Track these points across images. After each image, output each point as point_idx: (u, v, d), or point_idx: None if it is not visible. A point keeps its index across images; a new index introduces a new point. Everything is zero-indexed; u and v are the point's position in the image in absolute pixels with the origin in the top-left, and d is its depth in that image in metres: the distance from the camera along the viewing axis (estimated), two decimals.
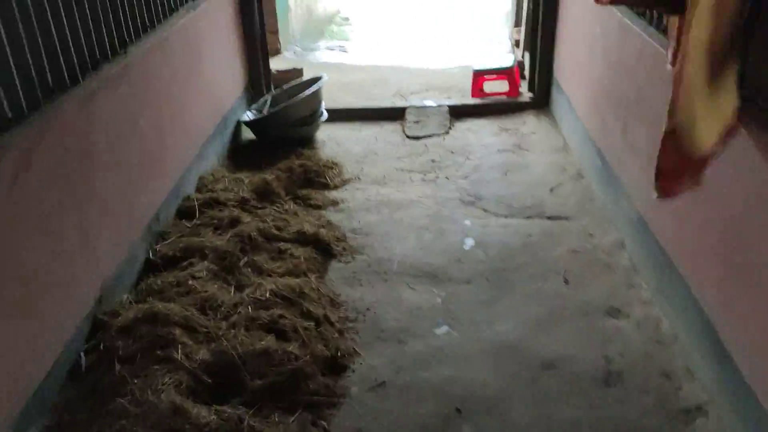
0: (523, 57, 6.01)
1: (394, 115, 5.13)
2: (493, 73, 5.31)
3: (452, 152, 4.49)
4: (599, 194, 3.73)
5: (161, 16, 3.31)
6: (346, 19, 13.88)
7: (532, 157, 4.34)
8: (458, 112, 5.10)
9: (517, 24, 7.04)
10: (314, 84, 4.71)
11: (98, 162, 2.54)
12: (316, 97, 4.64)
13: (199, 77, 3.84)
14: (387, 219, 3.68)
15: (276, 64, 6.68)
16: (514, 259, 3.28)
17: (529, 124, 4.86)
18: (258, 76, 5.06)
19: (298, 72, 6.11)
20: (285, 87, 5.07)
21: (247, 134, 4.76)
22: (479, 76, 5.30)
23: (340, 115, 5.12)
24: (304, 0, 9.67)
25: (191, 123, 3.67)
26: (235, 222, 3.30)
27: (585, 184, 3.94)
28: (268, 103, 4.90)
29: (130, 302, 2.61)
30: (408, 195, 3.94)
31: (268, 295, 2.72)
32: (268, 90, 5.23)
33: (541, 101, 5.05)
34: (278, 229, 3.33)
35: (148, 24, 3.14)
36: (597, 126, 3.78)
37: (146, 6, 3.12)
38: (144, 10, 3.10)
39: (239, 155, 4.45)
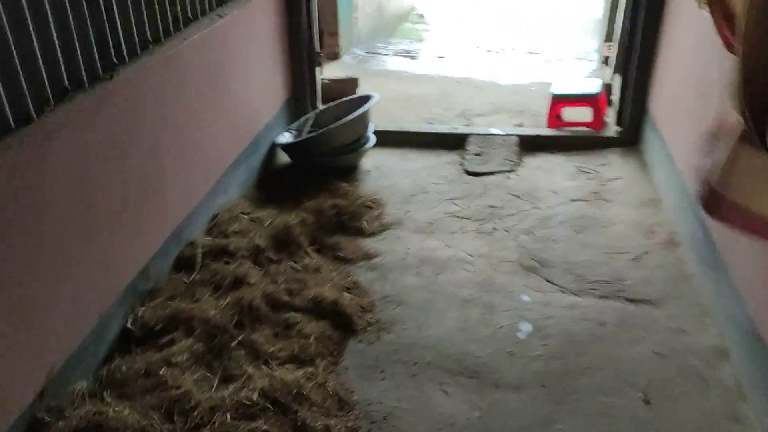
0: (612, 79, 5.22)
1: (454, 142, 4.47)
2: (574, 100, 4.56)
3: (517, 196, 3.80)
4: (697, 273, 2.97)
5: (171, 30, 2.80)
6: (421, 16, 13.24)
7: (614, 212, 3.60)
8: (529, 144, 4.39)
9: (609, 38, 6.21)
10: (362, 106, 4.11)
11: (55, 212, 2.04)
12: (362, 121, 4.04)
13: (223, 96, 3.31)
14: (427, 283, 3.05)
15: (332, 71, 6.15)
16: (581, 359, 2.59)
17: (613, 165, 4.10)
18: (302, 89, 4.51)
19: (353, 82, 5.54)
20: (332, 105, 4.50)
21: (285, 156, 4.23)
22: (558, 102, 4.56)
23: (392, 139, 4.52)
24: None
25: (206, 151, 3.15)
26: (239, 282, 2.76)
27: (679, 255, 3.18)
28: (310, 123, 4.35)
29: (83, 396, 2.10)
30: (457, 251, 3.30)
31: (256, 396, 2.16)
32: (314, 105, 4.67)
33: (630, 138, 4.27)
34: (290, 293, 2.77)
35: (150, 39, 2.62)
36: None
37: (149, 20, 2.60)
38: (145, 24, 2.58)
39: (269, 184, 3.91)
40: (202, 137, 3.09)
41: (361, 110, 3.98)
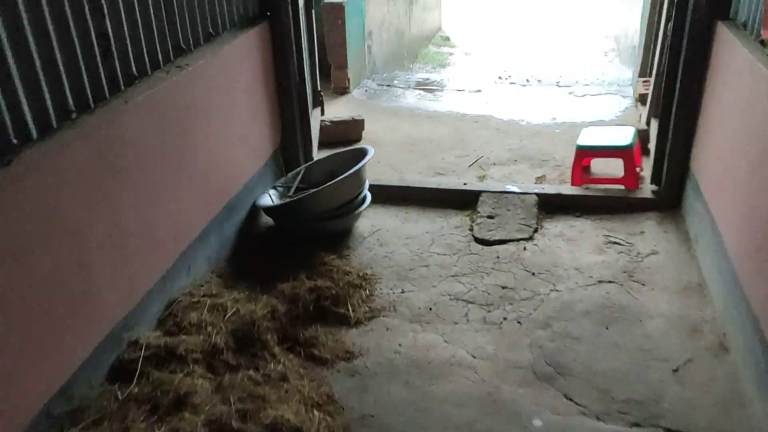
0: (648, 123, 4.64)
1: (465, 200, 3.94)
2: (603, 153, 4.00)
3: (533, 274, 3.25)
4: (754, 399, 2.37)
5: (105, 93, 2.33)
6: (447, 39, 12.75)
7: (650, 299, 3.02)
8: (550, 205, 3.83)
9: (644, 73, 5.63)
10: (357, 159, 3.62)
11: None
12: (356, 181, 3.54)
13: (184, 161, 2.85)
14: (417, 398, 2.51)
15: (338, 109, 5.69)
16: None
17: (648, 235, 3.52)
18: (293, 139, 4.04)
19: (357, 124, 5.06)
20: (324, 158, 4.01)
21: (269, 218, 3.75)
22: (584, 154, 4.00)
23: (395, 195, 4.02)
24: (393, 22, 8.61)
25: (159, 231, 2.68)
26: (182, 401, 2.26)
27: (730, 367, 2.59)
28: (299, 177, 3.86)
29: None
30: (457, 349, 2.76)
31: None
32: (307, 155, 4.19)
33: (669, 200, 3.69)
34: (244, 416, 2.26)
35: (73, 108, 2.16)
36: (755, 275, 2.43)
37: (72, 84, 2.14)
38: (65, 90, 2.12)
39: (247, 254, 3.43)
40: (154, 216, 2.61)
41: (353, 169, 3.47)
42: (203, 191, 3.04)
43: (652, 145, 4.28)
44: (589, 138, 3.98)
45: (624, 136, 3.92)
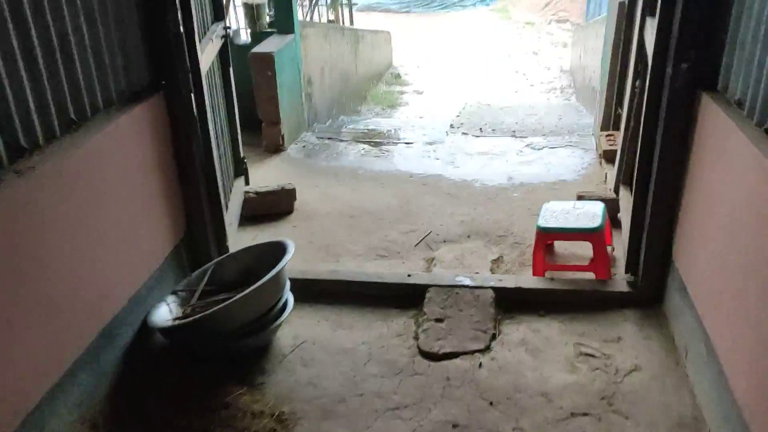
0: (616, 191, 4.14)
1: (409, 297, 3.33)
2: (569, 236, 3.45)
3: (491, 404, 2.64)
4: None
5: None
6: (398, 76, 12.30)
7: None
8: (510, 302, 3.25)
9: (607, 126, 5.18)
10: (275, 254, 2.99)
11: None
12: (272, 288, 2.90)
13: (39, 282, 2.17)
14: None
15: (268, 172, 5.07)
16: None
17: (627, 343, 2.95)
18: (201, 229, 3.38)
19: (287, 195, 4.44)
20: (239, 251, 3.37)
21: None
22: (547, 237, 3.45)
23: (326, 291, 3.40)
24: (338, 65, 8.07)
25: None
26: None
27: None
28: (207, 277, 3.20)
29: None
30: None
31: None
32: (220, 246, 3.53)
33: (648, 294, 3.15)
34: None
35: None
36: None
37: None
38: None
39: (136, 385, 2.74)
40: None
41: (269, 275, 2.83)
42: (65, 322, 2.36)
43: (623, 218, 3.77)
44: (552, 218, 3.43)
45: (592, 216, 3.39)
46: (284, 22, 5.77)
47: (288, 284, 3.08)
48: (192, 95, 3.10)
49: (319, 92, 7.30)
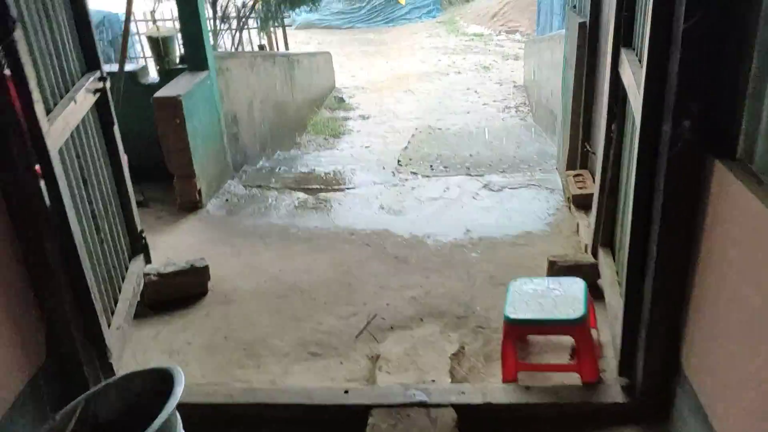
0: (595, 253, 3.52)
1: (347, 420, 2.62)
2: (546, 329, 2.80)
3: None
4: None
5: None
6: (342, 100, 11.64)
7: None
8: (477, 422, 2.57)
9: (573, 164, 4.60)
10: (163, 385, 2.24)
11: None
12: None
13: None
14: None
15: (180, 238, 4.31)
16: None
17: None
18: (68, 352, 2.61)
19: (199, 273, 3.70)
20: (120, 379, 2.60)
21: None
22: (518, 331, 2.78)
23: (238, 416, 2.66)
24: (271, 95, 7.36)
25: None
26: None
27: None
28: (76, 417, 2.43)
29: None
30: None
31: None
32: (102, 368, 2.76)
33: (650, 403, 2.51)
34: None
35: None
36: None
37: None
38: None
39: None
40: None
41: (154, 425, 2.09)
42: None
43: (606, 289, 3.15)
44: (523, 304, 2.77)
45: (572, 300, 2.74)
46: (196, 58, 5.03)
47: (179, 425, 2.34)
48: (39, 181, 2.35)
49: (247, 130, 6.56)
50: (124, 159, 4.02)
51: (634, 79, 2.46)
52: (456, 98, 11.82)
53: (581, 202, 4.25)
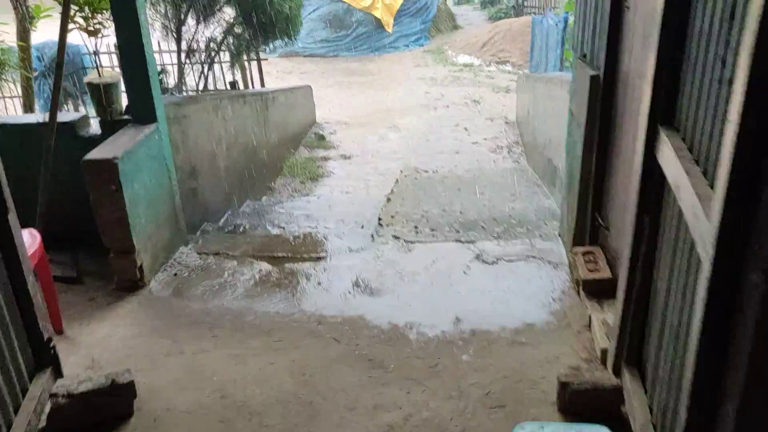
0: (617, 371, 2.85)
1: None
2: None
3: None
4: None
5: None
6: (322, 138, 11.01)
7: None
8: None
9: (581, 239, 3.97)
10: None
11: None
12: None
13: None
14: None
15: (113, 333, 3.64)
16: None
17: None
18: None
19: (122, 392, 2.99)
20: None
21: None
22: None
23: None
24: (240, 138, 6.72)
25: None
26: None
27: None
28: None
29: None
30: None
31: None
32: None
33: None
34: None
35: None
36: None
37: None
38: None
39: None
40: None
41: None
42: None
43: (633, 421, 2.48)
44: None
45: None
46: (141, 109, 4.38)
47: None
48: None
49: (210, 182, 5.91)
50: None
51: (688, 182, 1.82)
52: (444, 135, 11.24)
53: (593, 289, 3.61)
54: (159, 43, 7.57)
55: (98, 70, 4.62)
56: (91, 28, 4.60)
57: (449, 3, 24.93)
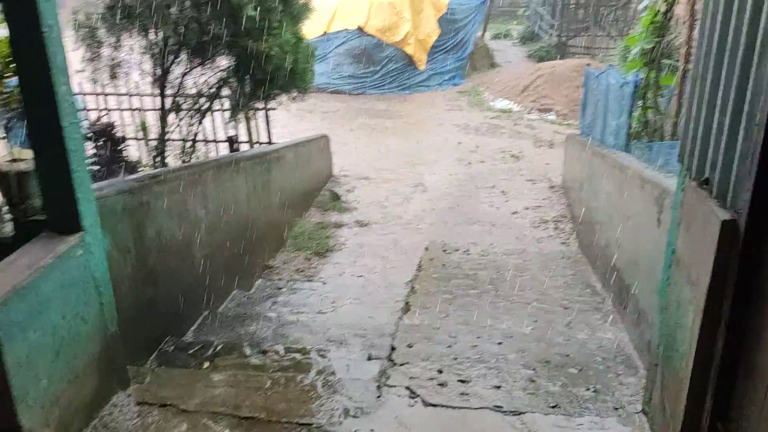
0: None
1: None
2: None
3: None
4: None
5: None
6: (336, 198, 9.82)
7: None
8: None
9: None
10: None
11: None
12: None
13: None
14: None
15: None
16: None
17: None
18: None
19: None
20: None
21: None
22: None
23: None
24: (229, 214, 5.55)
25: None
26: None
27: None
28: None
29: None
30: None
31: None
32: None
33: None
34: None
35: None
36: None
37: None
38: None
39: None
40: None
41: None
42: None
43: None
44: None
45: None
46: (59, 210, 3.21)
47: None
48: None
49: (178, 282, 4.72)
50: None
51: None
52: (478, 199, 9.97)
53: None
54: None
55: (12, 151, 3.47)
56: None
57: (486, 37, 23.84)
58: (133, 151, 8.10)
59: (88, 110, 8.11)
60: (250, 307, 5.73)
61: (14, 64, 3.08)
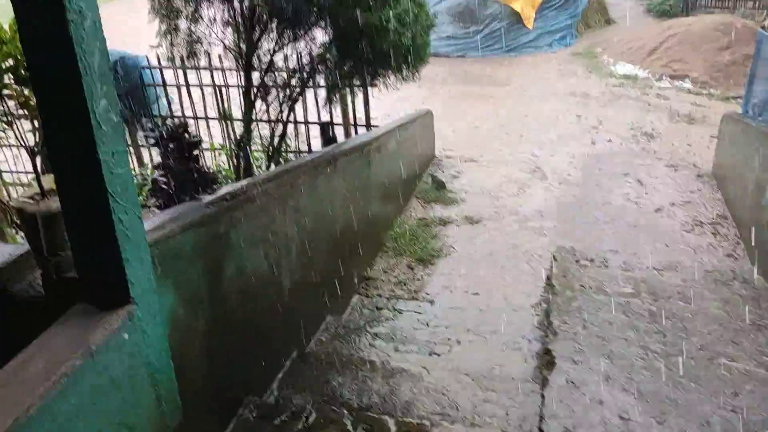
0: None
1: None
2: None
3: None
4: None
5: None
6: (441, 186, 8.75)
7: None
8: None
9: None
10: None
11: None
12: None
13: None
14: None
15: None
16: None
17: None
18: None
19: None
20: None
21: None
22: None
23: None
24: (325, 219, 4.67)
25: None
26: None
27: None
28: None
29: None
30: None
31: None
32: None
33: None
34: None
35: None
36: None
37: None
38: None
39: None
40: None
41: None
42: None
43: None
44: None
45: None
46: (100, 279, 2.32)
47: None
48: None
49: (259, 323, 3.83)
50: None
51: None
52: (609, 190, 8.66)
53: None
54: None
55: (38, 181, 2.60)
56: None
57: None
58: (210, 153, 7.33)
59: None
60: (346, 341, 4.81)
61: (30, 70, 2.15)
